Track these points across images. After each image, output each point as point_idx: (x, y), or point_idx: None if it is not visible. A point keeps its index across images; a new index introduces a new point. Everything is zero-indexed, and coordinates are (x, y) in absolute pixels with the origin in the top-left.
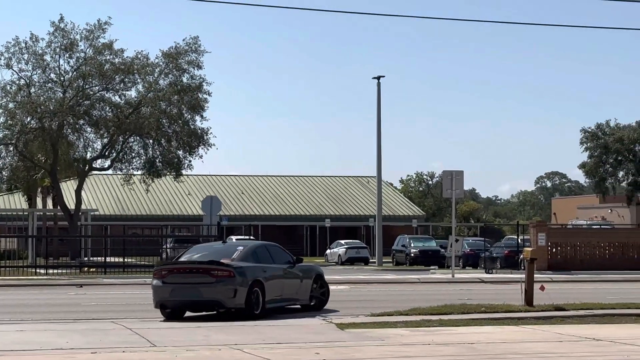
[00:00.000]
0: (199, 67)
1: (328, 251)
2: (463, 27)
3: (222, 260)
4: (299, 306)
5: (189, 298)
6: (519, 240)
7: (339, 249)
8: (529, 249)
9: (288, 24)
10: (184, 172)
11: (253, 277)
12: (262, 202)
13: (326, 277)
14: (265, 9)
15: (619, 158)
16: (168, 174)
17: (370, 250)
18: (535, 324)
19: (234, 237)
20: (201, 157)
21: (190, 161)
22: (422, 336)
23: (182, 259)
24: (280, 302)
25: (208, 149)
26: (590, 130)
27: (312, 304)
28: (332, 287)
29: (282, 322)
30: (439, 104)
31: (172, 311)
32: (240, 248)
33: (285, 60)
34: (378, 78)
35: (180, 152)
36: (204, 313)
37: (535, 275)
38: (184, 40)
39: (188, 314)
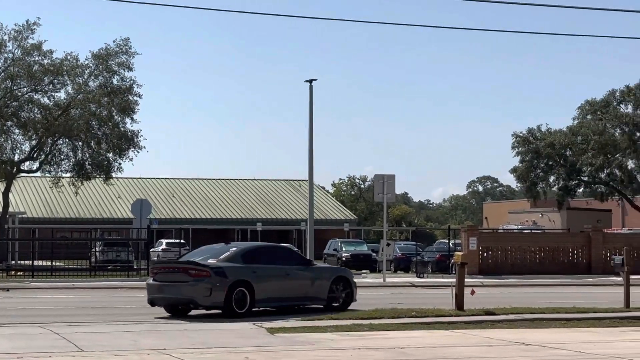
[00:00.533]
0: (130, 69)
1: None
2: (397, 30)
3: (206, 262)
4: (320, 306)
5: (171, 295)
6: (451, 244)
7: None
8: (460, 253)
9: (220, 26)
10: (113, 174)
11: (236, 277)
12: (193, 206)
13: None
14: (197, 10)
15: (550, 163)
16: (97, 176)
17: (302, 254)
18: (465, 328)
19: (164, 241)
20: (131, 159)
21: (120, 164)
22: (353, 341)
23: (181, 259)
24: (280, 302)
25: (138, 152)
26: (521, 135)
27: (334, 304)
28: None
29: (212, 326)
30: (372, 108)
31: (169, 307)
32: (233, 249)
33: (218, 62)
34: (310, 81)
35: (110, 155)
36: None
37: (466, 280)
38: (114, 41)
39: (194, 311)
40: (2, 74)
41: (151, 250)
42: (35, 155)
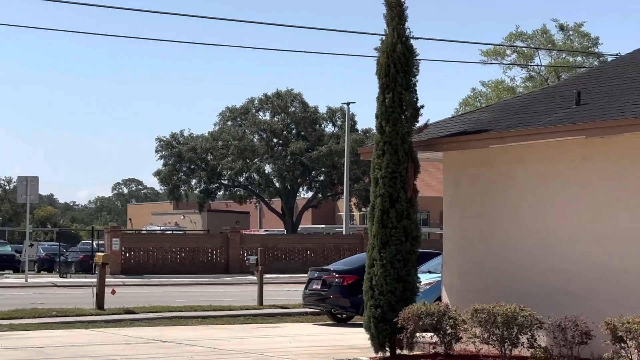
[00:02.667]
0: None
1: None
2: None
3: None
4: None
5: None
6: (95, 244)
7: None
8: (101, 253)
9: None
10: None
11: None
12: None
13: None
14: None
15: (192, 166)
16: None
17: None
18: (105, 327)
19: None
20: None
21: None
22: None
23: None
24: None
25: None
26: (165, 139)
27: None
28: None
29: None
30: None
31: None
32: None
33: None
34: None
35: None
36: None
37: (108, 280)
38: None
39: None
40: None
41: None
42: None
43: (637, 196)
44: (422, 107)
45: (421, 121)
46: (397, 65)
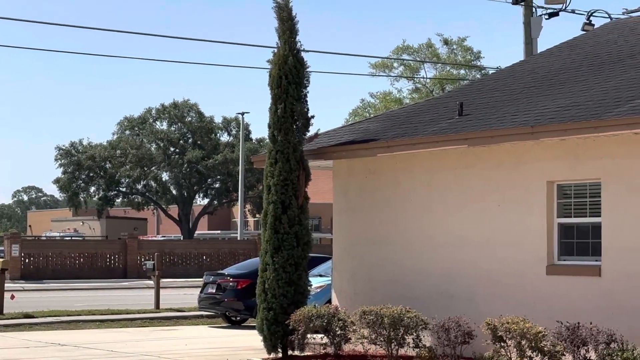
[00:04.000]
0: None
1: None
2: None
3: None
4: None
5: None
6: None
7: None
8: (1, 259)
9: None
10: None
11: None
12: None
13: None
14: None
15: (91, 174)
16: None
17: None
18: (4, 331)
19: None
20: None
21: None
22: None
23: None
24: None
25: None
26: (64, 147)
27: None
28: None
29: None
30: None
31: None
32: None
33: None
34: None
35: None
36: None
37: (7, 285)
38: None
39: None
40: None
41: None
42: None
43: (515, 203)
44: (312, 117)
45: (312, 131)
46: (289, 77)
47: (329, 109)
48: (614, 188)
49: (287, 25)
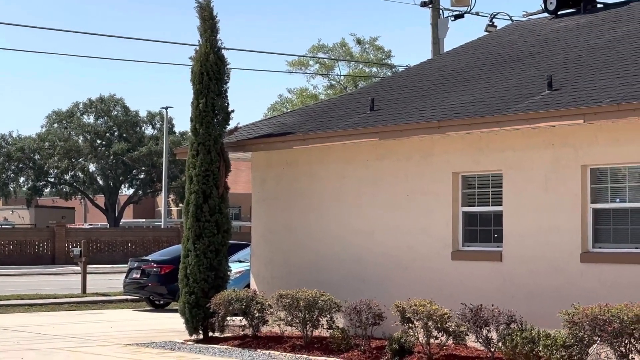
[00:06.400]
0: None
1: None
2: None
3: None
4: None
5: None
6: None
7: None
8: None
9: None
10: None
11: None
12: None
13: None
14: None
15: (21, 165)
16: None
17: None
18: None
19: None
20: None
21: None
22: None
23: None
24: None
25: None
26: None
27: None
28: None
29: None
30: None
31: None
32: None
33: None
34: None
35: None
36: None
37: None
38: None
39: None
40: None
41: None
42: None
43: (423, 193)
44: (233, 111)
45: (232, 124)
46: (210, 74)
47: (248, 103)
48: (514, 179)
49: (209, 24)
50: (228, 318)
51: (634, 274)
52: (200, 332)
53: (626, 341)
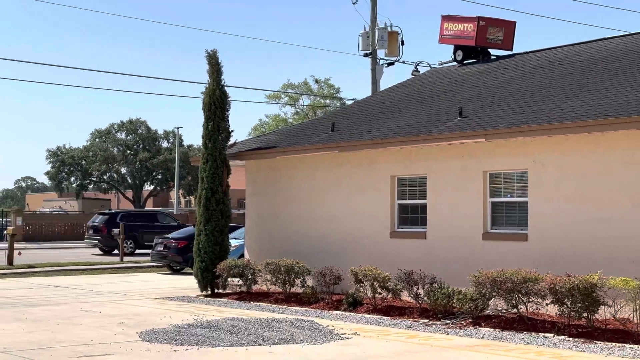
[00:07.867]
0: None
1: None
2: None
3: None
4: None
5: None
6: (4, 221)
7: None
8: (11, 227)
9: None
10: None
11: None
12: None
13: None
14: None
15: (71, 169)
16: None
17: None
18: (14, 277)
19: None
20: None
21: None
22: None
23: None
24: None
25: None
26: (52, 150)
27: None
28: None
29: None
30: None
31: None
32: None
33: None
34: None
35: None
36: None
37: (15, 245)
38: None
39: None
40: None
41: None
42: None
43: (370, 189)
44: (232, 131)
45: (232, 140)
46: (216, 104)
47: (237, 124)
48: (435, 180)
49: (215, 68)
50: (229, 279)
51: (519, 247)
52: (209, 289)
53: (516, 296)
